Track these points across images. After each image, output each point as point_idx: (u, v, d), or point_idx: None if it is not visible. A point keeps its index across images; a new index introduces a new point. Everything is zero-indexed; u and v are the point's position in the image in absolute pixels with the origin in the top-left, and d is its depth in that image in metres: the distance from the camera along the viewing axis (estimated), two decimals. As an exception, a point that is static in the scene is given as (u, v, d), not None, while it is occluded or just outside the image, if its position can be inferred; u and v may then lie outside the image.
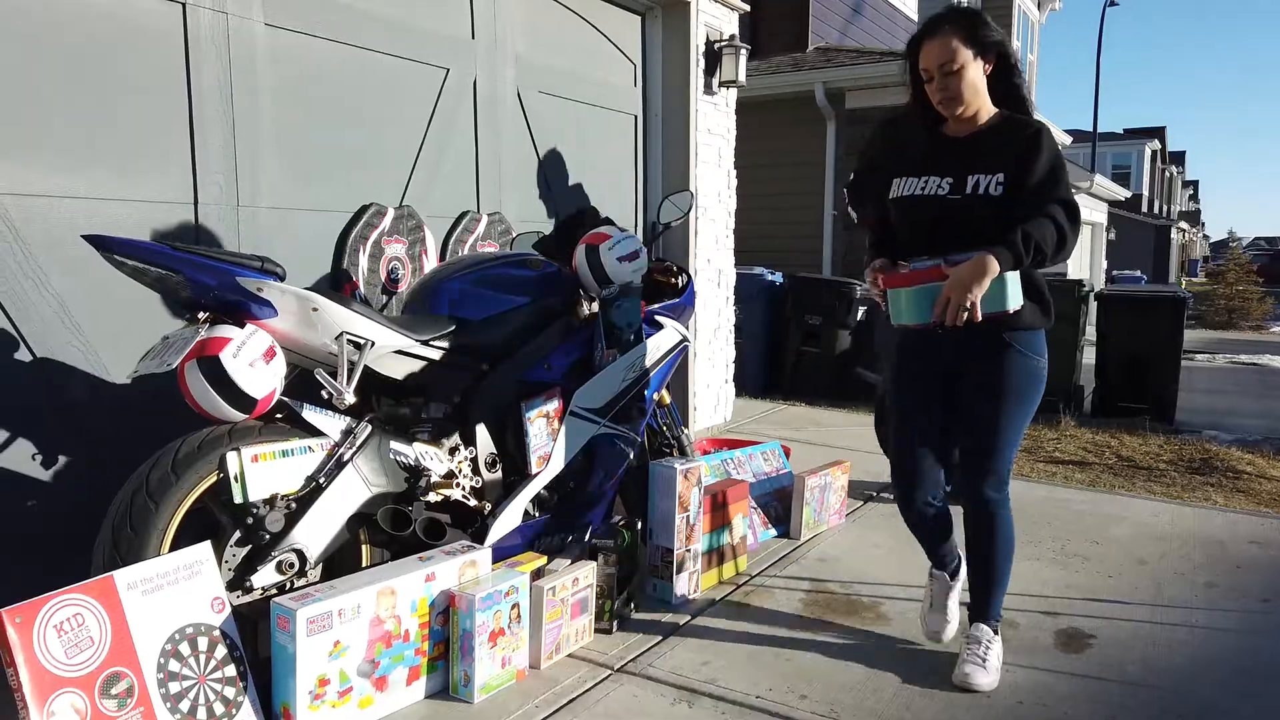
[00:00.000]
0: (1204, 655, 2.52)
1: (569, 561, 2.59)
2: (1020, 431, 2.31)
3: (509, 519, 2.57)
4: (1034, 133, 2.20)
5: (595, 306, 2.79)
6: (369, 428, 2.31)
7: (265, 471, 2.11)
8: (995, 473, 2.31)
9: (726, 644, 2.56)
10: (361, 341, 2.26)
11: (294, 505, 2.18)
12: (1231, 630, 2.68)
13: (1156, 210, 31.66)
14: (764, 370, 6.98)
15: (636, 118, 4.81)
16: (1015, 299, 2.11)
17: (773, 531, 3.46)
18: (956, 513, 2.46)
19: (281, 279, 2.17)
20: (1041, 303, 2.29)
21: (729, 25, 5.15)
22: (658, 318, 3.02)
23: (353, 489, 2.27)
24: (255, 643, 2.16)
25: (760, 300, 6.87)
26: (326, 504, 2.22)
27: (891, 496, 3.31)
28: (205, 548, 1.99)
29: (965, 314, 2.07)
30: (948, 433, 2.41)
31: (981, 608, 2.42)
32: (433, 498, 2.45)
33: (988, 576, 2.40)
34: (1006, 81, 2.28)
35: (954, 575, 2.58)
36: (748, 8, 5.33)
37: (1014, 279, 2.09)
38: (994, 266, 2.05)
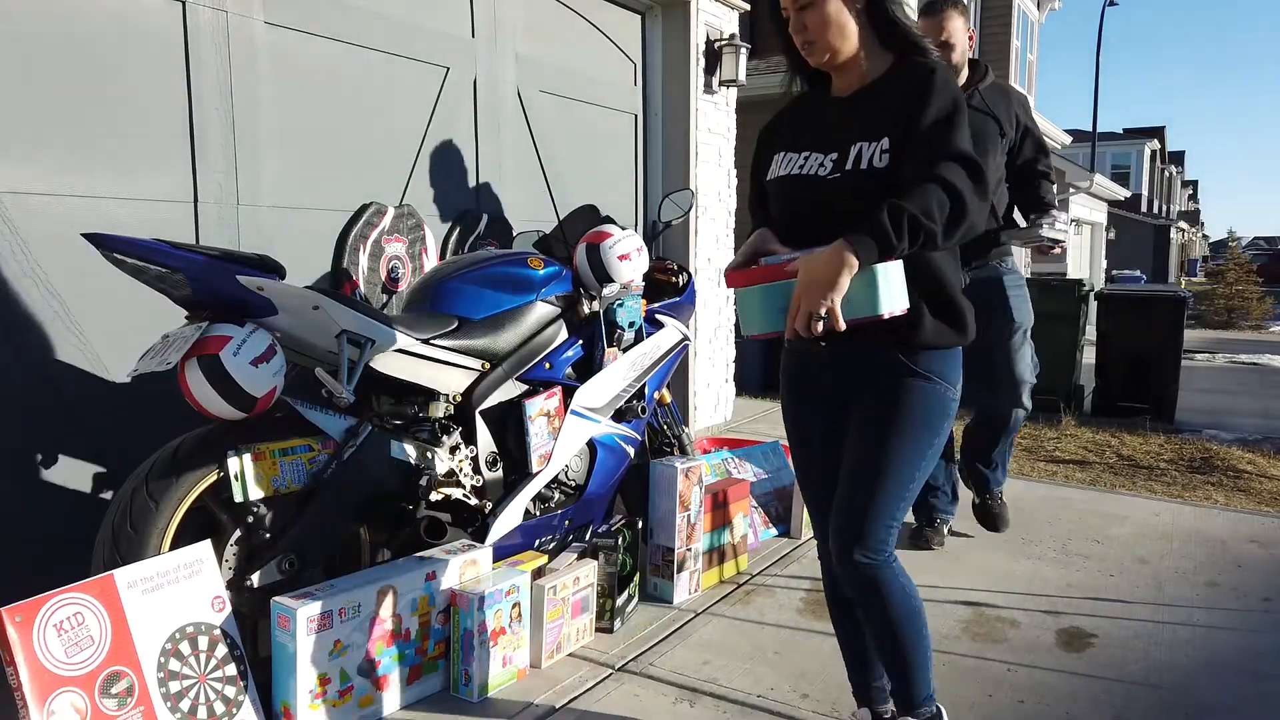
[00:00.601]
0: (1206, 654, 2.52)
1: (570, 560, 2.59)
2: (910, 481, 1.73)
3: (510, 518, 2.56)
4: (926, 74, 1.68)
5: (596, 305, 2.79)
6: (369, 426, 2.31)
7: (265, 470, 2.11)
8: (867, 535, 1.71)
9: (727, 643, 2.56)
10: (362, 340, 2.26)
11: (294, 504, 2.18)
12: (1233, 629, 2.68)
13: (1156, 210, 31.69)
14: (764, 370, 6.98)
15: (637, 117, 4.81)
16: (892, 300, 1.57)
17: (773, 531, 3.45)
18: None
19: (282, 277, 2.17)
20: (951, 315, 1.73)
21: (729, 24, 5.15)
22: (658, 316, 3.02)
23: (353, 488, 2.27)
24: (255, 642, 2.16)
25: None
26: (327, 503, 2.21)
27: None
28: (205, 546, 1.99)
29: (821, 323, 1.52)
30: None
31: (904, 698, 1.85)
32: (433, 497, 2.44)
33: (894, 660, 1.81)
34: (885, 18, 1.74)
35: (879, 705, 1.95)
36: (748, 7, 5.32)
37: (888, 273, 1.56)
38: (850, 259, 1.50)
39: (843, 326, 1.54)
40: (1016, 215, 3.29)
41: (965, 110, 1.67)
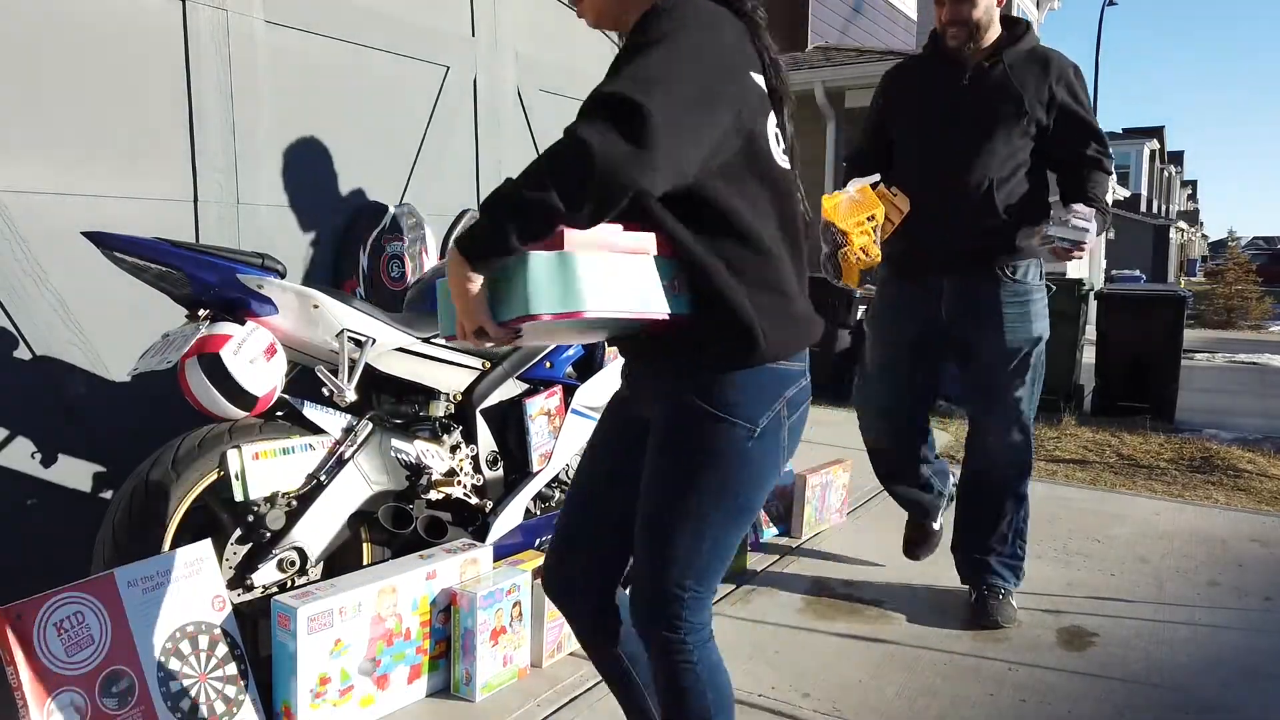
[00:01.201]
0: (1208, 653, 2.52)
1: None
2: (697, 544, 1.39)
3: (510, 517, 2.56)
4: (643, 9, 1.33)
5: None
6: (370, 425, 2.31)
7: (266, 469, 2.10)
8: (656, 607, 1.42)
9: (728, 643, 2.54)
10: (362, 339, 2.26)
11: (295, 503, 2.18)
12: (1234, 628, 2.68)
13: (1155, 210, 31.72)
14: (764, 369, 6.98)
15: (637, 116, 4.80)
16: (555, 297, 1.20)
17: (774, 530, 3.45)
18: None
19: (282, 276, 2.17)
20: (732, 326, 1.33)
21: (729, 24, 5.14)
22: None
23: (354, 487, 2.27)
24: (256, 641, 2.16)
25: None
26: (327, 502, 2.21)
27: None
28: (206, 545, 1.99)
29: (474, 336, 1.25)
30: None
31: None
32: (434, 495, 2.44)
33: None
34: None
35: None
36: (748, 6, 5.32)
37: (543, 266, 1.20)
38: (462, 268, 1.20)
39: (494, 332, 1.24)
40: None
41: (662, 42, 1.22)
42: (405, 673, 2.16)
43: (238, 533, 2.12)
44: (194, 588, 1.94)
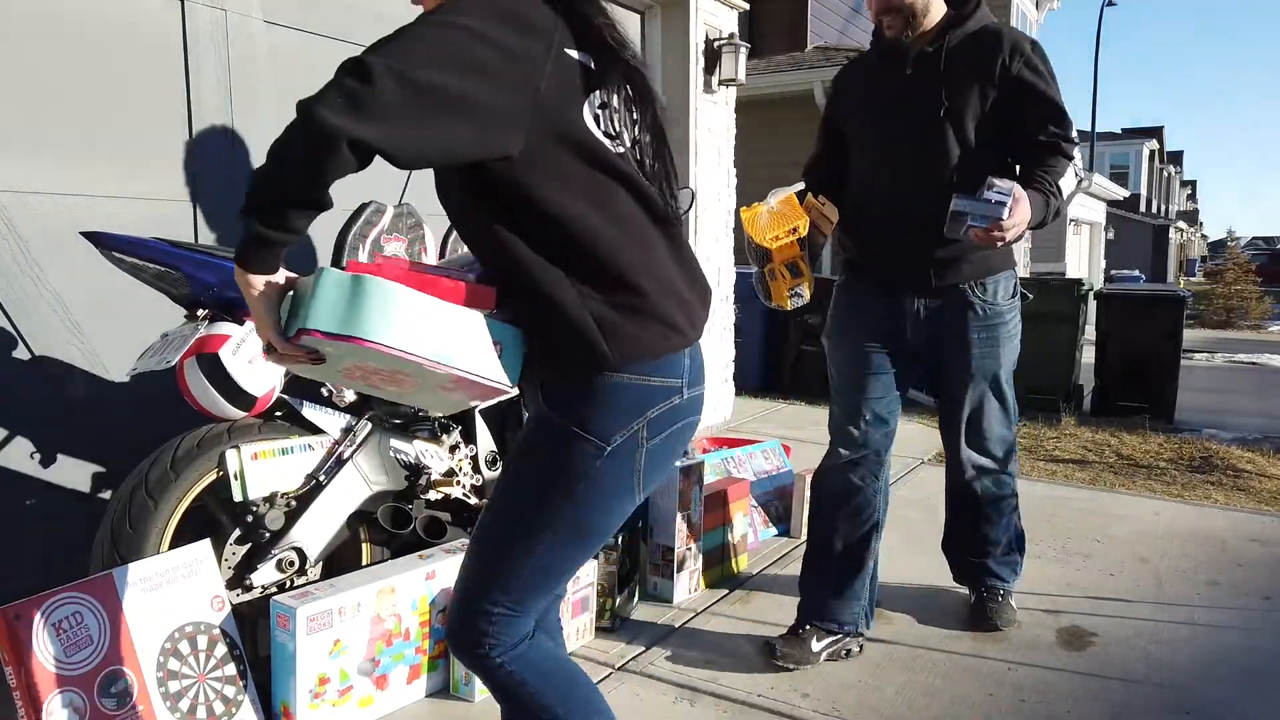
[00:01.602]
0: (1207, 653, 2.52)
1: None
2: (535, 556, 1.30)
3: (509, 517, 2.56)
4: None
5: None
6: (369, 425, 2.30)
7: (265, 469, 2.10)
8: (466, 612, 1.32)
9: (728, 643, 2.56)
10: (361, 339, 2.25)
11: (294, 503, 2.18)
12: (1234, 628, 2.68)
13: (1155, 210, 31.72)
14: (763, 369, 6.97)
15: (636, 116, 4.80)
16: (330, 316, 1.15)
17: (773, 530, 3.45)
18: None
19: (281, 276, 2.17)
20: (566, 330, 1.23)
21: (728, 24, 5.14)
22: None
23: (353, 487, 2.27)
24: (255, 641, 2.16)
25: (759, 299, 6.87)
26: (326, 502, 2.21)
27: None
28: (205, 546, 1.99)
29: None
30: None
31: None
32: (433, 496, 2.44)
33: None
34: None
35: None
36: (747, 6, 5.32)
37: (332, 283, 1.18)
38: (237, 268, 1.19)
39: (280, 346, 1.19)
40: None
41: (427, 15, 1.23)
42: (404, 673, 2.16)
43: (237, 533, 2.12)
44: (193, 588, 1.94)
